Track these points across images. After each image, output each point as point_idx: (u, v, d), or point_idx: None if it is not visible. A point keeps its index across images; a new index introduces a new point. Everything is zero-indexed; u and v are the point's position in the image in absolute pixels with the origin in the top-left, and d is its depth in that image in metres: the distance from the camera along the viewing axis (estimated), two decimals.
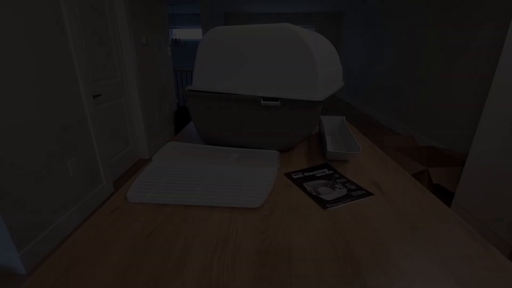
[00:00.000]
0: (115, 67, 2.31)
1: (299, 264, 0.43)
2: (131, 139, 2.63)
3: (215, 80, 0.83)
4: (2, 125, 1.24)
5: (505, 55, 1.53)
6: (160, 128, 3.17)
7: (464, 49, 2.81)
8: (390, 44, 4.35)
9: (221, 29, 0.81)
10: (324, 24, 7.24)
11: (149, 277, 0.40)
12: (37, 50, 1.43)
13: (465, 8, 2.79)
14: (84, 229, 0.51)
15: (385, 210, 0.57)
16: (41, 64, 1.46)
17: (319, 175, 0.73)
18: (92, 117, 1.89)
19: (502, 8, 2.37)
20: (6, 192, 1.27)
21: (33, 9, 1.40)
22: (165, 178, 0.67)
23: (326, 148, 0.82)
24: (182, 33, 7.70)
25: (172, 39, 7.13)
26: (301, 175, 0.72)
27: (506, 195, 1.50)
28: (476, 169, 1.71)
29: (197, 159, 0.78)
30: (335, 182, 0.69)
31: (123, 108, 2.46)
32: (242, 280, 0.40)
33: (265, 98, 0.77)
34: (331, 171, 0.75)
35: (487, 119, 1.64)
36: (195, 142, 0.97)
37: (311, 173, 0.73)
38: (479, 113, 2.63)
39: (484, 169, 1.65)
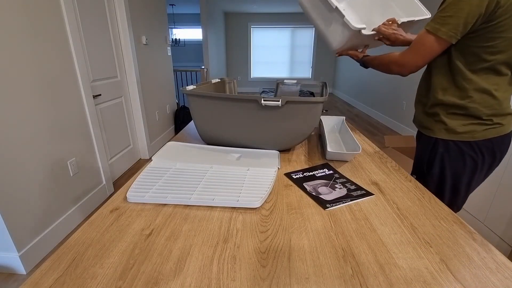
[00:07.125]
0: (115, 67, 2.31)
1: (299, 264, 0.43)
2: (131, 139, 2.63)
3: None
4: (2, 125, 1.24)
5: None
6: (160, 128, 3.17)
7: None
8: None
9: None
10: None
11: (149, 277, 0.40)
12: (37, 50, 1.43)
13: None
14: (84, 229, 0.51)
15: (385, 210, 0.57)
16: (41, 63, 1.46)
17: (319, 175, 0.72)
18: (92, 117, 1.89)
19: None
20: (6, 192, 1.27)
21: (33, 9, 1.40)
22: (165, 178, 0.67)
23: (326, 148, 0.82)
24: (182, 33, 7.69)
25: (172, 39, 7.13)
26: (301, 175, 0.72)
27: (506, 195, 1.50)
28: None
29: (197, 159, 0.77)
30: (335, 182, 0.69)
31: (123, 108, 2.46)
32: (242, 280, 0.40)
33: (265, 98, 0.77)
34: (331, 171, 0.75)
35: None
36: (195, 142, 0.97)
37: (311, 173, 0.73)
38: None
39: None
